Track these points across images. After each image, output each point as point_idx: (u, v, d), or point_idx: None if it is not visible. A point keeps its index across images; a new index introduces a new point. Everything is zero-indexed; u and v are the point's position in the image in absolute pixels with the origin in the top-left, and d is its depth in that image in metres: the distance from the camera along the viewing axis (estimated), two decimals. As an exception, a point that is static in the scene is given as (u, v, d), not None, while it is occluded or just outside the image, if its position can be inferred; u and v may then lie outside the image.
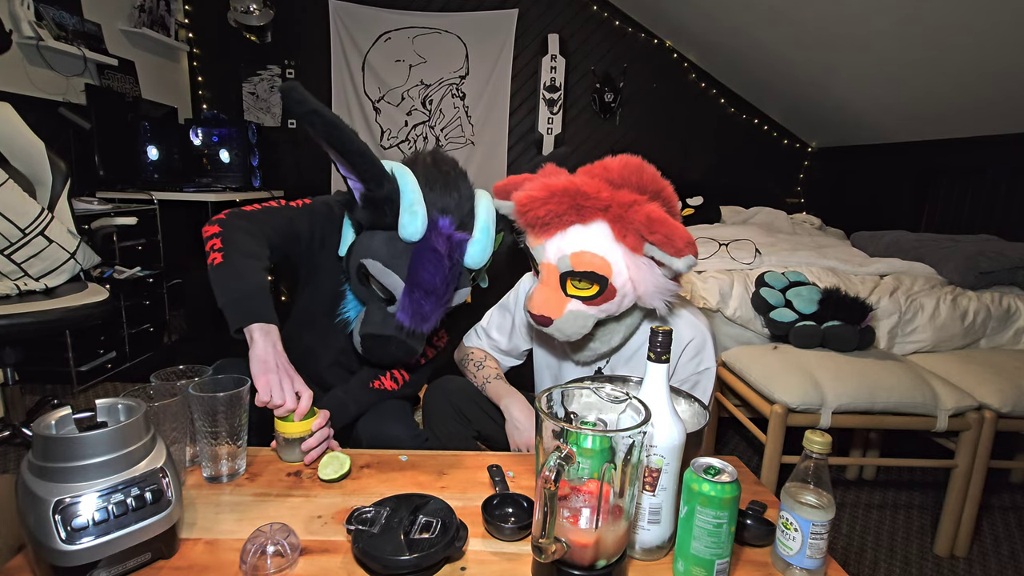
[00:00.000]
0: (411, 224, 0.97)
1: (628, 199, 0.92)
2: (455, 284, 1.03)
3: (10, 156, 1.85)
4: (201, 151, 3.52)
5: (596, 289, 0.97)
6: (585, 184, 0.95)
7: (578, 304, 0.99)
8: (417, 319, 0.99)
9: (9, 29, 2.45)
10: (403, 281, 0.99)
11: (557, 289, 1.00)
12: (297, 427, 0.94)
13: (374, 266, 1.00)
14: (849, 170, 3.77)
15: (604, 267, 0.95)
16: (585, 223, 0.95)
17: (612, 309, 1.01)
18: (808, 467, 0.72)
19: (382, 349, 1.04)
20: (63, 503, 0.62)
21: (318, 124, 0.90)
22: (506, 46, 3.98)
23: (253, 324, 0.92)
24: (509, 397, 1.17)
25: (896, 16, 2.41)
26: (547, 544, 0.64)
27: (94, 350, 2.53)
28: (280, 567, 0.69)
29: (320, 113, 0.89)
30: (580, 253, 0.95)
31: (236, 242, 0.98)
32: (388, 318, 1.02)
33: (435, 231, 0.98)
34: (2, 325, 1.54)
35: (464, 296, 1.08)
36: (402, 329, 1.01)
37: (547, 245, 0.99)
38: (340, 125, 0.91)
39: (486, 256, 1.06)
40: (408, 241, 0.99)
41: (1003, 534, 1.77)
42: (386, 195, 0.97)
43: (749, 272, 2.04)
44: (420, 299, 0.98)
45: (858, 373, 1.56)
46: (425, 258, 0.98)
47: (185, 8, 3.83)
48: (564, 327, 1.01)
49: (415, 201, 0.97)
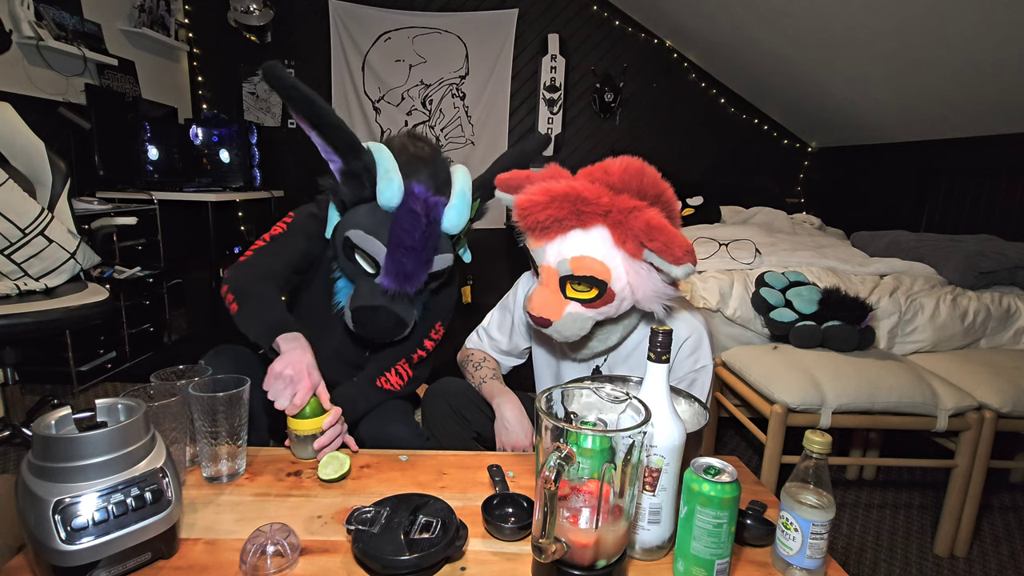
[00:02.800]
0: (388, 189, 1.02)
1: (628, 205, 0.93)
2: (434, 244, 1.06)
3: (10, 156, 1.85)
4: (201, 151, 3.52)
5: (595, 292, 0.98)
6: (586, 189, 0.95)
7: (577, 306, 1.00)
8: (400, 278, 1.04)
9: (9, 29, 2.45)
10: (385, 246, 1.03)
11: (556, 291, 1.01)
12: (308, 424, 0.95)
13: (357, 235, 1.05)
14: (849, 170, 3.77)
15: (603, 272, 0.96)
16: (585, 228, 0.96)
17: (611, 312, 1.01)
18: (808, 467, 0.72)
19: (372, 320, 1.09)
20: (63, 503, 0.62)
21: (296, 97, 0.97)
22: (506, 46, 3.98)
23: (278, 337, 0.99)
24: (501, 396, 1.17)
25: (896, 16, 2.41)
26: (547, 544, 0.64)
27: (94, 350, 2.53)
28: (280, 567, 0.69)
29: (297, 88, 0.96)
30: (580, 258, 0.96)
31: (244, 287, 1.08)
32: (375, 288, 1.07)
33: (411, 196, 1.03)
34: (2, 325, 1.54)
35: (446, 262, 1.11)
36: (387, 294, 1.05)
37: (547, 248, 0.99)
38: (316, 99, 0.98)
39: (463, 220, 1.09)
40: (387, 208, 1.04)
41: (1003, 534, 1.77)
42: (363, 165, 1.03)
43: (749, 272, 2.04)
44: (401, 257, 1.03)
45: (858, 373, 1.56)
46: (403, 218, 1.02)
47: (185, 8, 3.83)
48: (563, 329, 1.02)
49: (390, 168, 1.03)
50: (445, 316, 1.29)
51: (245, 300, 1.05)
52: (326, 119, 1.00)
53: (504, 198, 1.08)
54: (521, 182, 1.04)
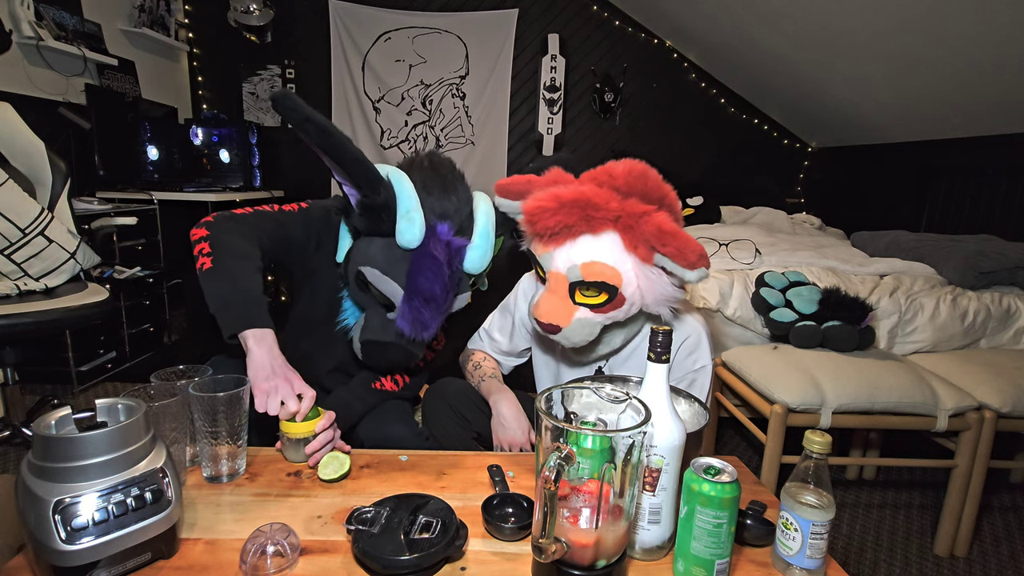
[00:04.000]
0: (408, 231, 0.96)
1: (639, 210, 0.93)
2: (455, 291, 1.02)
3: (10, 156, 1.85)
4: (201, 151, 3.52)
5: (605, 297, 0.98)
6: (595, 195, 0.94)
7: (586, 312, 1.00)
8: (417, 327, 0.98)
9: (9, 29, 2.45)
10: (402, 289, 0.98)
11: (565, 297, 1.00)
12: (301, 428, 0.94)
13: (372, 273, 0.99)
14: (849, 170, 3.77)
15: (615, 277, 0.95)
16: (595, 233, 0.95)
17: (619, 316, 1.01)
18: (808, 467, 0.72)
19: (382, 355, 1.04)
20: (63, 503, 0.62)
21: (312, 132, 0.89)
22: (506, 46, 3.98)
23: (247, 331, 0.90)
24: (499, 394, 1.17)
25: (896, 16, 2.41)
26: (547, 544, 0.64)
27: (94, 350, 2.53)
28: (280, 567, 0.69)
29: (313, 120, 0.88)
30: (591, 263, 0.95)
31: (225, 245, 0.96)
32: (388, 324, 1.01)
33: (433, 237, 0.97)
34: (2, 325, 1.54)
35: (464, 301, 1.08)
36: (402, 336, 1.00)
37: (555, 254, 0.98)
38: (334, 131, 0.90)
39: (486, 261, 1.05)
40: (406, 248, 0.97)
41: (1003, 534, 1.77)
42: (383, 202, 0.96)
43: (749, 272, 2.04)
44: (419, 307, 0.97)
45: (858, 373, 1.56)
46: (424, 265, 0.96)
47: (185, 8, 3.83)
48: (571, 335, 1.01)
49: (412, 208, 0.96)
50: (449, 327, 1.28)
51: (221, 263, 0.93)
52: (346, 154, 0.92)
53: (504, 204, 1.07)
54: (523, 188, 1.03)
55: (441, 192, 1.00)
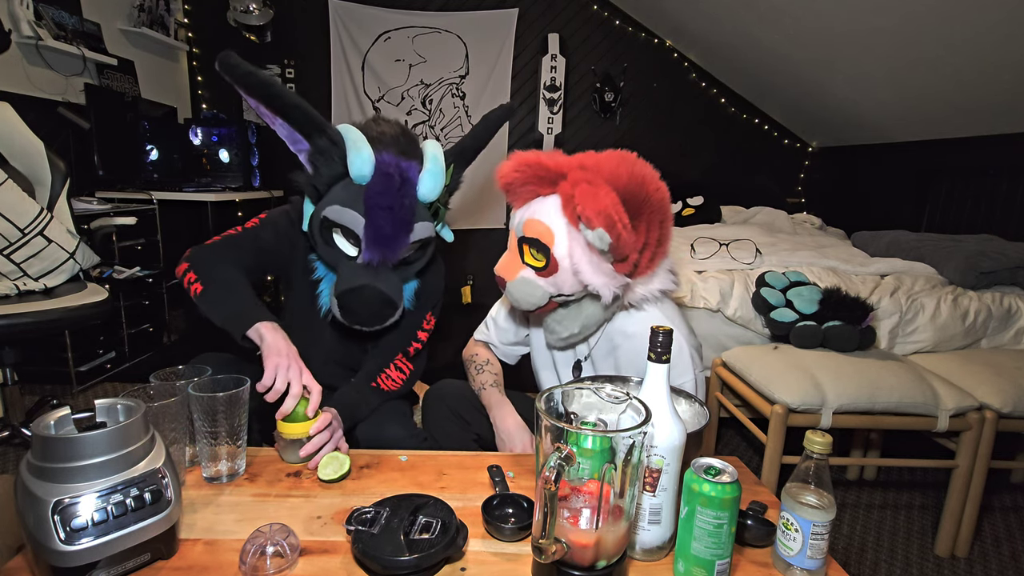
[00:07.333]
0: (358, 158, 1.01)
1: (582, 176, 0.94)
2: (411, 205, 1.05)
3: (9, 156, 1.85)
4: (201, 151, 3.52)
5: (544, 262, 1.01)
6: (548, 157, 1.00)
7: (530, 272, 1.03)
8: (381, 243, 1.02)
9: (8, 29, 2.44)
10: (362, 215, 1.02)
11: (515, 254, 1.05)
12: (297, 428, 0.94)
13: (333, 210, 1.03)
14: (849, 170, 3.77)
15: (547, 235, 0.99)
16: (544, 195, 1.01)
17: (563, 287, 1.02)
18: (809, 467, 0.72)
19: (359, 301, 1.07)
20: (62, 503, 0.62)
21: (253, 83, 0.97)
22: (506, 46, 3.98)
23: (258, 323, 0.97)
24: (499, 408, 1.17)
25: (896, 16, 2.41)
26: (547, 545, 0.64)
27: (93, 350, 2.53)
28: (280, 567, 0.69)
29: (254, 73, 0.96)
30: (531, 221, 1.01)
31: (210, 266, 1.04)
32: (357, 269, 1.06)
33: (383, 163, 1.02)
34: (1, 325, 1.54)
35: (427, 230, 1.10)
36: (370, 269, 1.04)
37: (516, 213, 1.06)
38: (274, 82, 0.99)
39: (438, 185, 1.08)
40: (360, 178, 1.03)
41: (1004, 534, 1.77)
42: (330, 139, 1.02)
43: (749, 272, 2.04)
44: (378, 220, 1.01)
45: (858, 373, 1.56)
46: (376, 182, 1.02)
47: (185, 8, 3.83)
48: (514, 291, 1.05)
49: (357, 139, 1.02)
50: (435, 304, 1.29)
51: (211, 281, 1.02)
52: (287, 102, 0.99)
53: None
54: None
55: (384, 133, 1.08)
